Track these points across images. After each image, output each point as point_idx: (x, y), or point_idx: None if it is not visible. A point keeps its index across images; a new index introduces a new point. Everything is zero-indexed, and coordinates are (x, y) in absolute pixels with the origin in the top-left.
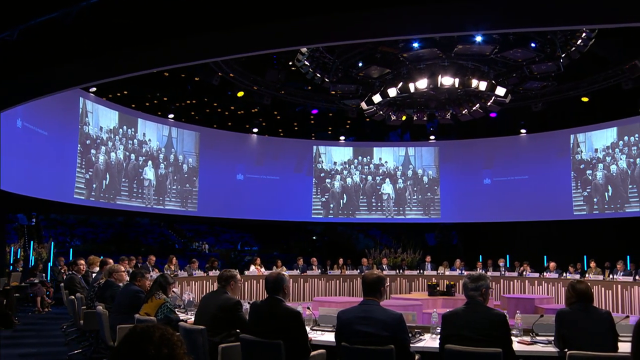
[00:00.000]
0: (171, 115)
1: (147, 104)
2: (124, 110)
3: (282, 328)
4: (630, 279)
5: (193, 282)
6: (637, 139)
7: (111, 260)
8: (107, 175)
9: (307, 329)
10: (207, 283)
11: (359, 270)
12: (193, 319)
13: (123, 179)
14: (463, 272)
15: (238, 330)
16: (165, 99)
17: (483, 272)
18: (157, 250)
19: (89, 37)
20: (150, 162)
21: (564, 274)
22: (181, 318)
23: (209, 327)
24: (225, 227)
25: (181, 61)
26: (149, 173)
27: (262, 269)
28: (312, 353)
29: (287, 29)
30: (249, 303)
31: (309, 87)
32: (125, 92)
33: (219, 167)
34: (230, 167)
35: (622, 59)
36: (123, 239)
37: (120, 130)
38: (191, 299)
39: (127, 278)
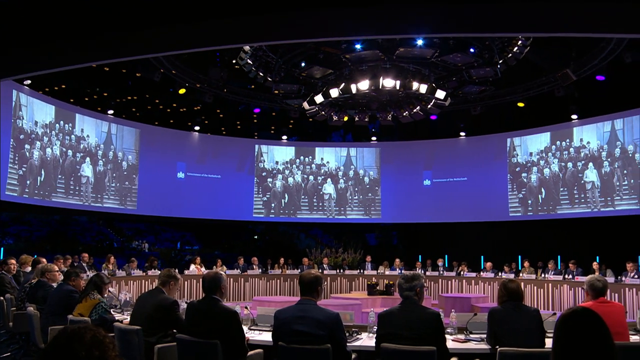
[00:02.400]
0: (111, 111)
1: (86, 99)
2: (61, 105)
3: (219, 328)
4: (560, 277)
5: (131, 282)
6: (568, 143)
7: (44, 260)
8: (42, 172)
9: (245, 328)
10: (146, 283)
11: (299, 270)
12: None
13: (59, 176)
14: (402, 271)
15: (175, 331)
16: (105, 94)
17: (422, 271)
18: (95, 249)
19: (24, 27)
20: (88, 159)
21: (499, 274)
22: (117, 318)
23: (145, 328)
24: (165, 226)
25: (121, 56)
26: (87, 170)
27: (203, 269)
28: (250, 353)
29: (230, 26)
30: (186, 303)
31: (252, 86)
32: (63, 86)
33: (160, 165)
34: (171, 165)
35: (555, 67)
36: (59, 237)
37: (57, 125)
38: (128, 299)
39: (61, 278)
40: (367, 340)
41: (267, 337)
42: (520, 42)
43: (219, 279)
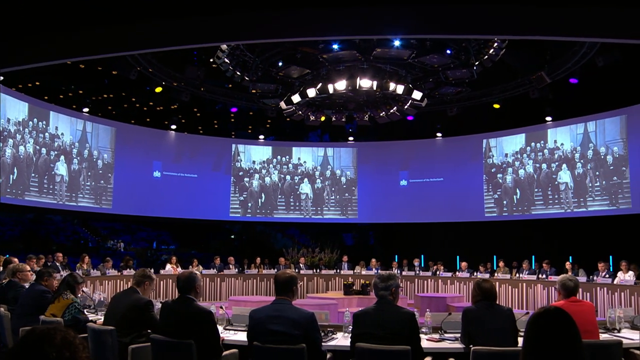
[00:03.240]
0: (86, 109)
1: (61, 96)
2: (34, 102)
3: (193, 328)
4: (534, 277)
5: (106, 282)
6: (542, 145)
7: (16, 259)
8: (15, 170)
9: (220, 328)
10: (121, 282)
11: (276, 270)
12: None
13: (33, 174)
14: (379, 271)
15: (149, 331)
16: (81, 92)
17: (398, 271)
18: (70, 248)
19: None
20: (62, 157)
21: (475, 274)
22: (91, 318)
23: (119, 328)
24: (141, 225)
25: (96, 53)
26: (61, 168)
27: (179, 268)
28: (225, 353)
29: (207, 24)
30: (161, 302)
31: (230, 85)
32: (37, 83)
33: (136, 164)
34: (147, 163)
35: (530, 69)
36: (33, 236)
37: (31, 122)
38: (102, 299)
39: (33, 278)
40: (342, 339)
41: (242, 336)
42: (496, 44)
43: (193, 279)
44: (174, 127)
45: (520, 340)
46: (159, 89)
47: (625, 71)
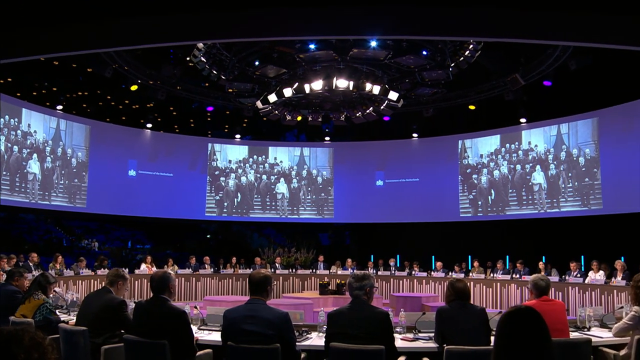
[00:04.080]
0: (60, 107)
1: (34, 93)
2: (6, 99)
3: (167, 328)
4: (508, 277)
5: (80, 282)
6: (517, 146)
7: None
8: None
9: (195, 328)
10: (95, 282)
11: (252, 269)
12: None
13: (4, 172)
14: (354, 271)
15: (122, 331)
16: (55, 89)
17: (374, 271)
18: (43, 248)
19: None
20: (35, 155)
21: (450, 273)
22: (63, 319)
23: (92, 328)
24: (116, 225)
25: (70, 49)
26: (34, 167)
27: (154, 268)
28: (199, 353)
29: (183, 23)
30: (134, 302)
31: (206, 84)
32: (9, 79)
33: (111, 162)
34: (122, 162)
35: (505, 71)
36: (4, 236)
37: (2, 120)
38: (75, 299)
39: (4, 278)
40: (316, 339)
41: (216, 337)
42: (471, 46)
43: (167, 279)
44: (149, 125)
45: (492, 339)
46: (134, 87)
47: (597, 75)
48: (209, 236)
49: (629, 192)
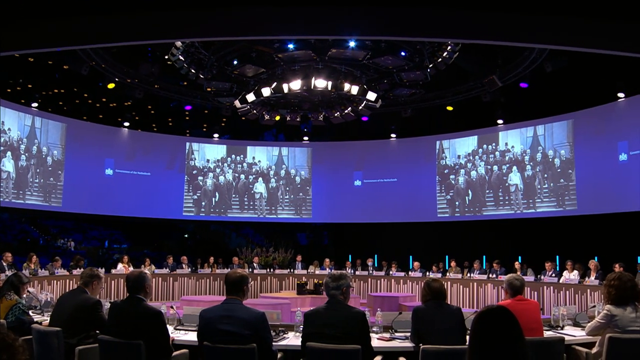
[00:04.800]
0: (35, 104)
1: (8, 90)
2: None
3: (142, 328)
4: (485, 277)
5: (55, 282)
6: (494, 147)
7: None
8: None
9: (171, 328)
10: (71, 282)
11: (229, 269)
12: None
13: None
14: (332, 271)
15: (97, 332)
16: (30, 86)
17: (351, 271)
18: (17, 247)
19: None
20: (9, 153)
21: (427, 273)
22: (36, 320)
23: (66, 329)
24: (93, 224)
25: (44, 46)
26: (8, 165)
27: (130, 267)
28: (175, 353)
29: (160, 20)
30: (110, 302)
31: (185, 83)
32: None
33: (87, 161)
34: (99, 161)
35: (482, 73)
36: None
37: None
38: (49, 299)
39: None
40: (293, 339)
41: (193, 337)
42: (449, 47)
43: (143, 278)
44: (127, 124)
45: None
46: (111, 85)
47: (572, 77)
48: (186, 236)
49: (603, 193)
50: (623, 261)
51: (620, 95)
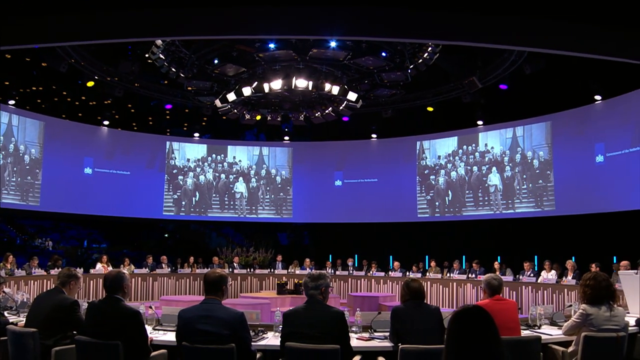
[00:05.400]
0: (12, 102)
1: None
2: None
3: (120, 328)
4: (465, 277)
5: (32, 282)
6: (474, 148)
7: None
8: None
9: (149, 328)
10: (48, 282)
11: (209, 269)
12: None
13: None
14: (312, 271)
15: (74, 332)
16: (7, 83)
17: (332, 271)
18: None
19: None
20: None
21: (407, 273)
22: (11, 320)
23: (42, 330)
24: (71, 223)
25: (19, 42)
26: None
27: (109, 267)
28: (153, 353)
29: (140, 18)
30: (87, 302)
31: (165, 82)
32: None
33: (66, 160)
34: (78, 160)
35: (462, 74)
36: None
37: None
38: (25, 300)
39: None
40: (272, 339)
41: (171, 337)
42: (430, 48)
43: (121, 278)
44: (106, 122)
45: None
46: (90, 84)
47: (550, 80)
48: (166, 235)
49: (580, 194)
50: (600, 261)
51: (597, 97)
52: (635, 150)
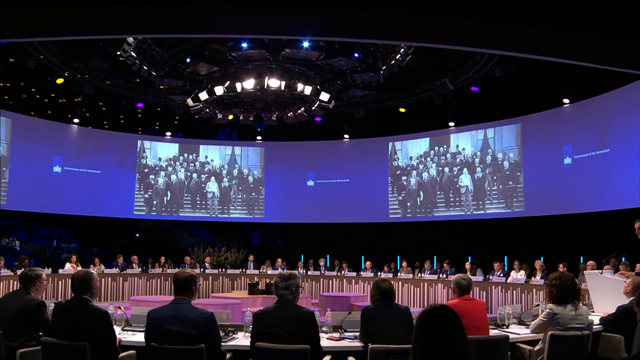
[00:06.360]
0: None
1: None
2: None
3: (88, 329)
4: (436, 277)
5: None
6: (445, 149)
7: None
8: None
9: (118, 329)
10: (15, 283)
11: (181, 269)
12: None
13: None
14: (284, 270)
15: (40, 334)
16: None
17: (304, 271)
18: None
19: None
20: None
21: (379, 273)
22: None
23: (7, 331)
24: (40, 223)
25: None
26: None
27: (79, 267)
28: (122, 354)
29: (110, 15)
30: (54, 303)
31: (137, 80)
32: None
33: (34, 158)
34: (47, 158)
35: (434, 76)
36: None
37: None
38: None
39: None
40: (243, 339)
41: (140, 337)
42: (402, 50)
43: (89, 278)
44: (76, 120)
45: None
46: (60, 80)
47: (520, 82)
48: (137, 235)
49: (549, 196)
50: (567, 261)
51: (566, 101)
52: (601, 153)
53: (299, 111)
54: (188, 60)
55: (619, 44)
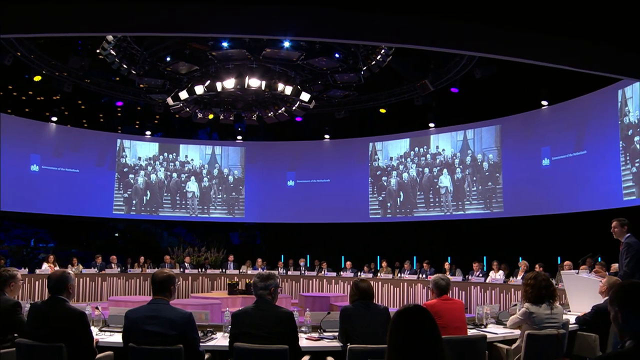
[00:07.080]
0: None
1: None
2: None
3: (65, 330)
4: (415, 277)
5: None
6: (425, 150)
7: None
8: None
9: (96, 330)
10: None
11: (159, 269)
12: None
13: None
14: (264, 271)
15: (15, 335)
16: None
17: (284, 271)
18: None
19: None
20: None
21: (359, 273)
22: None
23: None
24: (17, 222)
25: None
26: None
27: (56, 267)
28: (99, 355)
29: (89, 12)
30: (30, 304)
31: (117, 78)
32: None
33: (11, 157)
34: (24, 156)
35: (415, 77)
36: None
37: None
38: None
39: None
40: (221, 339)
41: (118, 338)
42: (383, 50)
43: (65, 278)
44: (54, 119)
45: None
46: (37, 78)
47: (500, 84)
48: (116, 235)
49: (527, 197)
50: (545, 261)
51: (544, 103)
52: (578, 155)
53: (280, 111)
54: (168, 59)
55: (594, 47)
